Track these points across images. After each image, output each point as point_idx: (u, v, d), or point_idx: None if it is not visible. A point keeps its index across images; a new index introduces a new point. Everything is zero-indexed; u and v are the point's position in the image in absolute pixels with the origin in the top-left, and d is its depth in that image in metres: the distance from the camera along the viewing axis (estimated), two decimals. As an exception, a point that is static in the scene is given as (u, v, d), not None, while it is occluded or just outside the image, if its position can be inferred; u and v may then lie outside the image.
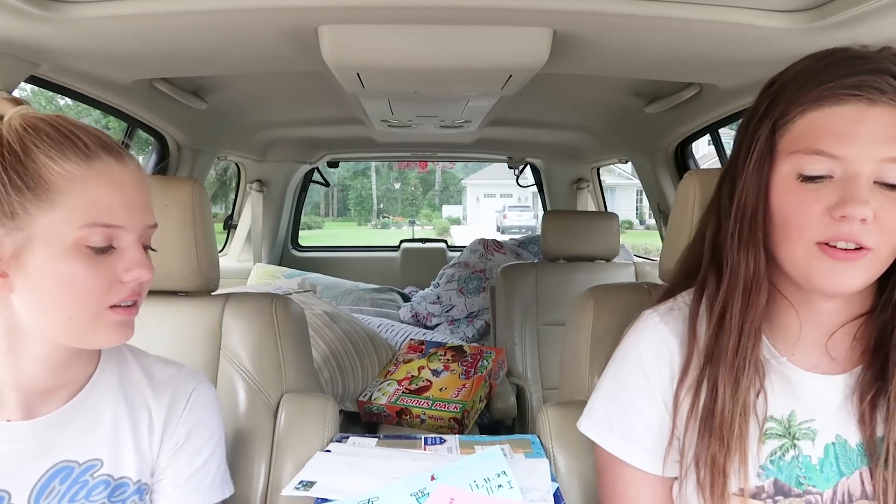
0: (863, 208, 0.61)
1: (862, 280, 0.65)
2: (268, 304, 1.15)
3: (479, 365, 1.92)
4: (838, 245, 0.63)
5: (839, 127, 0.63)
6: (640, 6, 0.95)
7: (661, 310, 0.81)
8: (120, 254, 0.68)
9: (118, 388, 0.77)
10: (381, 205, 29.47)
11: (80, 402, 0.74)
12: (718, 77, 1.37)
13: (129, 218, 0.68)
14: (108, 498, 0.73)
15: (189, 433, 0.81)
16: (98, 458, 0.74)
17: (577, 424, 0.84)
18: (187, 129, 1.98)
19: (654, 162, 2.26)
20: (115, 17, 0.98)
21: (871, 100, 0.62)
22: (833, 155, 0.63)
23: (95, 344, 0.70)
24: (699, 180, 1.00)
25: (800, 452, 0.71)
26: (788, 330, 0.74)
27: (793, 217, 0.66)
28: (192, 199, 1.08)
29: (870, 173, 0.62)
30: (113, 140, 0.70)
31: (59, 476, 0.71)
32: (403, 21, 1.03)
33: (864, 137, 0.62)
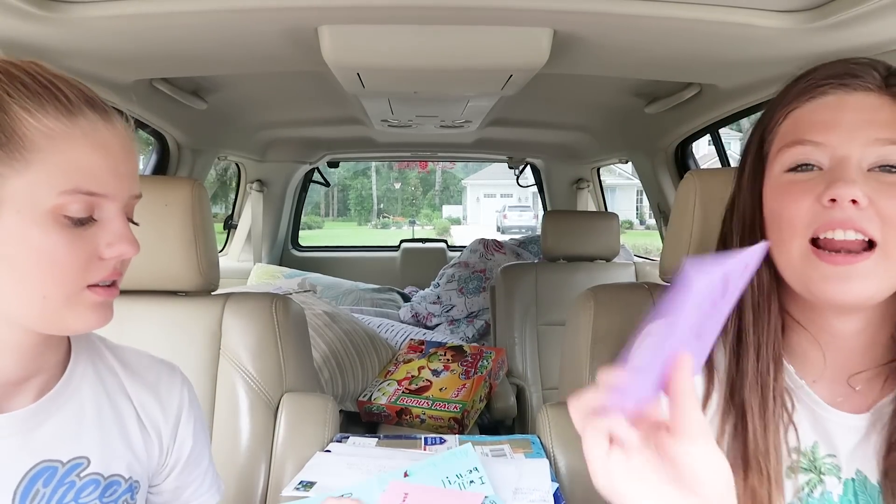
0: (850, 188, 0.58)
1: (872, 287, 0.59)
2: (268, 304, 1.15)
3: (479, 365, 1.92)
4: (834, 237, 0.59)
5: (820, 116, 0.62)
6: (640, 6, 0.95)
7: None
8: (101, 226, 0.59)
9: (94, 377, 0.70)
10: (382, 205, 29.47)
11: (58, 395, 0.66)
12: (718, 77, 1.37)
13: (115, 185, 0.59)
14: (99, 499, 0.66)
15: (193, 440, 0.77)
16: (84, 455, 0.66)
17: None
18: (187, 129, 1.98)
19: (655, 162, 2.26)
20: (115, 17, 0.98)
21: (849, 86, 0.62)
22: (816, 142, 0.61)
23: (71, 328, 0.62)
24: (699, 180, 1.00)
25: (825, 488, 0.66)
26: (808, 358, 0.68)
27: (783, 212, 0.63)
28: (192, 199, 1.08)
29: (859, 157, 0.60)
30: (97, 95, 0.62)
31: (41, 477, 0.63)
32: (403, 21, 1.03)
33: (847, 123, 0.61)
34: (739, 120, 1.78)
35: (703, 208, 0.99)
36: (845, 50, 1.01)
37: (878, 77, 0.62)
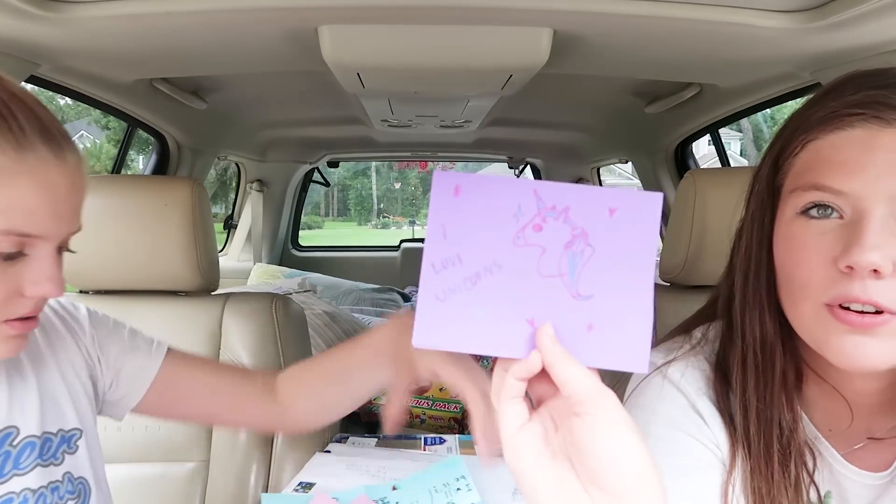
0: (870, 254, 0.48)
1: (891, 353, 0.51)
2: (268, 304, 1.15)
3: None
4: (852, 307, 0.50)
5: (844, 155, 0.51)
6: (640, 6, 0.94)
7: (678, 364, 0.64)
8: (30, 263, 0.57)
9: None
10: (382, 205, 29.47)
11: None
12: (718, 77, 1.37)
13: (53, 227, 0.57)
14: (40, 458, 0.66)
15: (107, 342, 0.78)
16: (11, 424, 0.66)
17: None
18: (187, 129, 1.98)
19: (655, 162, 2.26)
20: (115, 17, 0.98)
21: (883, 119, 0.50)
22: (836, 190, 0.51)
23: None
24: (699, 180, 1.00)
25: None
26: (827, 411, 0.61)
27: (795, 271, 0.54)
28: (192, 199, 1.08)
29: (884, 212, 0.49)
30: (56, 123, 0.58)
31: None
32: (403, 21, 1.03)
33: (875, 167, 0.49)
34: (739, 120, 1.78)
35: (703, 208, 0.99)
36: (845, 50, 1.01)
37: None
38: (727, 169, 1.42)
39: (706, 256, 1.01)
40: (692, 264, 1.02)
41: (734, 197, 0.98)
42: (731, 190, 1.01)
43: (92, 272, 1.10)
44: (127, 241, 1.08)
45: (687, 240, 1.01)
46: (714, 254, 1.01)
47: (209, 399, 0.82)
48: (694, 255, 1.01)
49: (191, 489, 1.07)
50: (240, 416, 0.83)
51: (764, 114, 1.73)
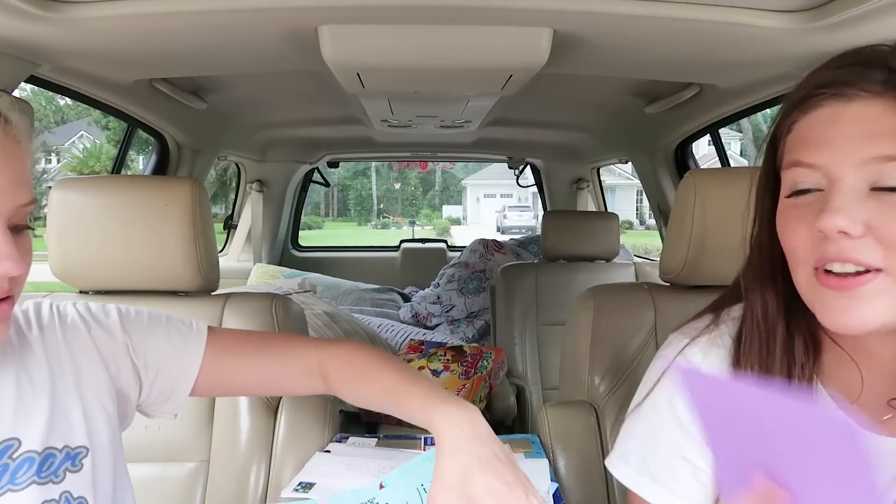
0: (833, 217, 0.52)
1: (879, 312, 0.53)
2: (268, 304, 1.15)
3: (478, 365, 1.92)
4: (833, 269, 0.54)
5: (815, 132, 0.56)
6: (640, 6, 0.95)
7: (702, 342, 0.68)
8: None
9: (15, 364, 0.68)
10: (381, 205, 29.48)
11: None
12: (718, 77, 1.37)
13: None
14: (37, 474, 0.64)
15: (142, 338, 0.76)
16: (13, 436, 0.64)
17: (608, 464, 0.75)
18: (187, 129, 1.98)
19: (655, 162, 2.26)
20: (115, 17, 0.98)
21: (844, 96, 0.54)
22: (809, 164, 0.56)
23: None
24: (699, 180, 1.00)
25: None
26: (846, 380, 0.62)
27: (787, 242, 0.59)
28: (192, 199, 1.08)
29: (855, 178, 0.53)
30: None
31: None
32: (403, 21, 1.03)
33: (840, 139, 0.54)
34: (739, 120, 1.78)
35: (703, 208, 0.99)
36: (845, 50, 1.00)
37: (880, 78, 0.53)
38: (727, 169, 1.42)
39: (706, 256, 1.01)
40: (692, 264, 1.02)
41: (734, 197, 0.98)
42: (731, 190, 1.01)
43: (92, 272, 1.10)
44: (127, 242, 1.08)
45: (687, 240, 1.01)
46: (714, 254, 1.01)
47: (255, 378, 0.83)
48: (694, 256, 1.01)
49: (191, 489, 1.07)
50: (286, 389, 0.86)
51: (764, 114, 1.73)
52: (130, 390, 0.77)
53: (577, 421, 1.04)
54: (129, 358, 0.76)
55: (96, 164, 15.65)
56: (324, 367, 0.81)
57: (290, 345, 0.85)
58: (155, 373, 0.77)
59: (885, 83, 0.53)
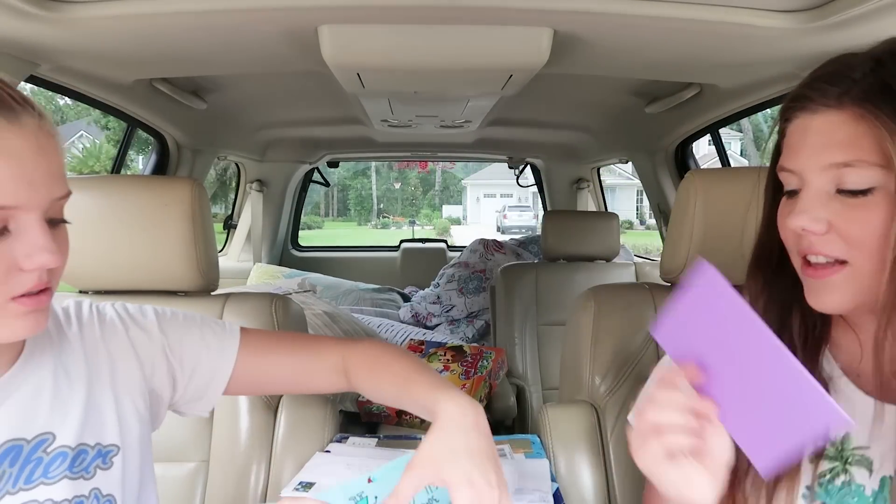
0: (796, 218, 0.61)
1: (842, 298, 0.62)
2: (268, 304, 1.15)
3: (478, 365, 1.92)
4: (810, 259, 0.63)
5: (791, 140, 0.64)
6: (640, 6, 0.95)
7: None
8: (18, 237, 0.56)
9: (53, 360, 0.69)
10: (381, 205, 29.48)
11: (15, 375, 0.66)
12: (718, 77, 1.37)
13: (27, 194, 0.56)
14: (69, 469, 0.66)
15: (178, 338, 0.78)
16: (48, 430, 0.66)
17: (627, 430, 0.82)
18: (187, 129, 1.98)
19: (655, 162, 2.26)
20: (115, 17, 0.98)
21: (809, 109, 0.61)
22: (788, 169, 0.64)
23: (4, 338, 0.60)
24: (700, 180, 1.00)
25: (852, 479, 0.66)
26: (849, 349, 0.70)
27: (782, 235, 0.67)
28: (192, 199, 1.07)
29: (820, 182, 0.60)
30: (10, 90, 0.57)
31: (7, 458, 0.63)
32: (403, 21, 1.03)
33: (808, 147, 0.61)
34: (739, 120, 1.78)
35: (703, 208, 0.99)
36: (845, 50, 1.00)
37: (835, 92, 0.59)
38: (727, 169, 1.42)
39: (706, 256, 1.01)
40: (693, 264, 1.02)
41: (734, 197, 0.98)
42: (732, 190, 1.01)
43: (91, 272, 1.10)
44: (126, 241, 1.08)
45: (687, 240, 1.01)
46: (714, 254, 1.00)
47: (285, 377, 0.86)
48: (694, 256, 1.01)
49: (191, 489, 1.07)
50: (312, 387, 0.88)
51: (764, 114, 1.73)
52: (164, 390, 0.79)
53: (577, 421, 1.04)
54: (166, 358, 0.78)
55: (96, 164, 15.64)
56: (347, 364, 0.83)
57: (317, 344, 0.87)
58: (190, 372, 0.79)
59: (840, 97, 0.59)
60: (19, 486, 0.63)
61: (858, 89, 0.58)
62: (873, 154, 0.57)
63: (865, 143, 0.57)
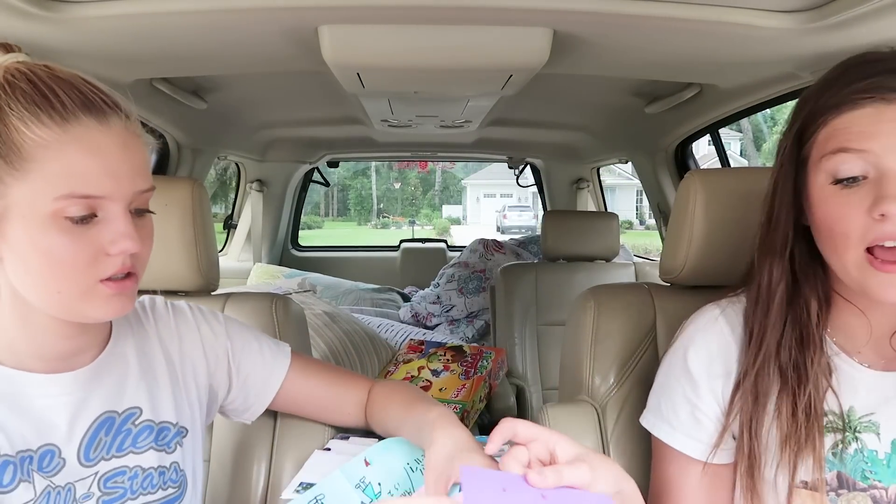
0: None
1: None
2: (268, 304, 1.15)
3: (478, 365, 1.92)
4: (886, 244, 0.63)
5: (859, 126, 0.64)
6: (640, 6, 0.95)
7: (722, 302, 0.82)
8: (104, 224, 0.62)
9: (135, 343, 0.78)
10: (381, 205, 29.47)
11: (109, 353, 0.74)
12: (718, 77, 1.37)
13: (113, 186, 0.62)
14: (154, 442, 0.74)
15: (237, 344, 0.86)
16: (136, 406, 0.74)
17: (640, 419, 0.87)
18: (187, 128, 1.98)
19: (655, 162, 2.26)
20: (115, 17, 0.98)
21: (886, 99, 0.62)
22: (858, 149, 0.63)
23: (91, 317, 0.66)
24: (700, 180, 1.00)
25: (864, 446, 0.71)
26: (854, 331, 0.74)
27: (836, 225, 0.66)
28: (192, 198, 1.07)
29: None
30: (101, 93, 0.64)
31: (104, 427, 0.71)
32: (403, 21, 1.03)
33: (886, 133, 0.62)
34: (739, 120, 1.78)
35: (703, 208, 0.99)
36: (845, 50, 1.00)
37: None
38: (727, 169, 1.42)
39: (706, 256, 1.01)
40: (692, 264, 1.02)
41: (734, 197, 0.98)
42: (731, 190, 1.01)
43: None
44: (127, 241, 1.08)
45: (687, 240, 1.01)
46: (714, 254, 1.01)
47: (316, 407, 0.95)
48: (694, 256, 1.01)
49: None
50: (338, 417, 0.97)
51: (764, 114, 1.73)
52: (220, 388, 0.86)
53: (577, 421, 1.04)
54: (227, 360, 0.86)
55: (96, 164, 15.61)
56: (369, 399, 0.93)
57: (352, 378, 0.96)
58: (244, 379, 0.87)
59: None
60: (112, 453, 0.71)
61: None
62: None
63: None
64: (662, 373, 0.84)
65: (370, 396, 0.93)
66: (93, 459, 0.70)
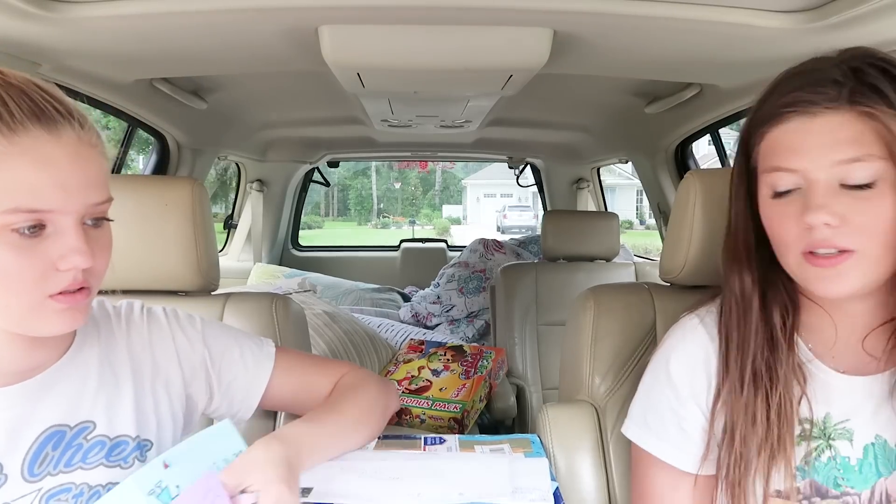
0: (818, 214, 0.64)
1: (854, 282, 0.66)
2: (268, 304, 1.15)
3: (479, 365, 1.92)
4: (819, 252, 0.66)
5: (788, 141, 0.67)
6: (640, 6, 0.95)
7: (700, 311, 0.82)
8: (55, 238, 0.60)
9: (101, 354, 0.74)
10: (381, 205, 29.46)
11: (64, 365, 0.70)
12: (718, 77, 1.37)
13: (63, 200, 0.59)
14: (106, 458, 0.70)
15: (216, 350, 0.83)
16: (90, 420, 0.70)
17: (622, 429, 0.87)
18: (187, 128, 1.98)
19: (655, 162, 2.26)
20: (115, 17, 0.98)
21: (809, 112, 0.65)
22: (789, 168, 0.66)
23: (41, 333, 0.64)
24: (699, 180, 1.00)
25: (837, 453, 0.71)
26: (824, 333, 0.75)
27: (776, 233, 0.70)
28: (192, 198, 1.07)
29: (827, 179, 0.64)
30: (54, 101, 0.61)
31: (51, 442, 0.67)
32: (403, 21, 1.04)
33: (811, 147, 0.65)
34: (739, 120, 1.78)
35: (703, 208, 0.99)
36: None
37: (835, 93, 0.64)
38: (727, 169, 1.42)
39: (706, 256, 1.01)
40: (692, 264, 1.02)
41: (734, 197, 0.98)
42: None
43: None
44: (126, 241, 1.07)
45: (687, 240, 1.01)
46: (714, 254, 1.00)
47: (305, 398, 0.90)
48: (694, 256, 1.01)
49: (191, 489, 1.07)
50: None
51: (764, 114, 1.72)
52: (200, 398, 0.83)
53: (577, 421, 1.04)
54: (205, 369, 0.82)
55: (96, 164, 15.63)
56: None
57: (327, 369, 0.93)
58: (227, 386, 0.85)
59: (836, 99, 0.64)
60: (59, 468, 0.67)
61: (852, 91, 0.63)
62: (877, 148, 0.62)
63: (869, 139, 0.62)
64: (646, 383, 0.84)
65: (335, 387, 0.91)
66: (37, 475, 0.66)
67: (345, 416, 0.85)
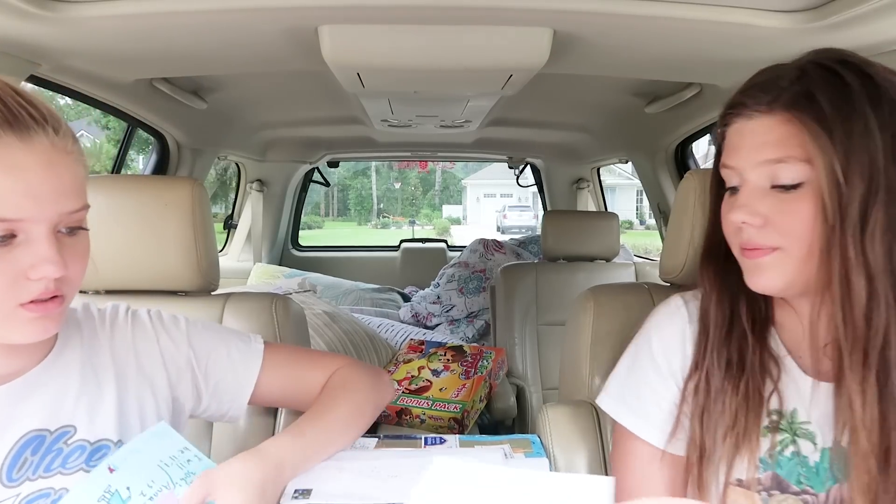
0: (738, 213, 0.68)
1: (777, 278, 0.69)
2: (268, 304, 1.15)
3: (479, 365, 1.92)
4: (747, 245, 0.70)
5: (731, 141, 0.71)
6: (640, 6, 0.95)
7: (687, 295, 0.84)
8: (26, 247, 0.59)
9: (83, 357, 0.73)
10: (381, 205, 29.46)
11: (45, 369, 0.70)
12: (718, 77, 1.37)
13: (34, 209, 0.58)
14: (86, 463, 0.69)
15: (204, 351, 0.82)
16: (70, 424, 0.70)
17: (597, 400, 0.89)
18: (187, 128, 1.98)
19: (655, 162, 2.26)
20: (115, 16, 0.98)
21: (744, 115, 0.69)
22: (730, 166, 0.71)
23: (13, 341, 0.63)
24: (699, 180, 1.00)
25: (799, 450, 0.72)
26: (794, 332, 0.76)
27: (724, 227, 0.74)
28: (192, 198, 1.07)
29: (758, 178, 0.68)
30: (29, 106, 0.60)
31: (30, 447, 0.67)
32: (403, 21, 1.03)
33: (745, 147, 0.69)
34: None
35: (703, 208, 0.99)
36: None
37: (766, 99, 0.67)
38: (727, 169, 1.42)
39: (706, 256, 1.01)
40: (692, 264, 1.02)
41: (734, 197, 0.98)
42: (731, 190, 1.01)
43: (91, 272, 1.10)
44: (126, 242, 1.08)
45: (687, 240, 1.01)
46: (714, 254, 1.01)
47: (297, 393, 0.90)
48: (694, 256, 1.01)
49: (191, 489, 1.07)
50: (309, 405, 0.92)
51: (764, 114, 1.72)
52: (187, 400, 0.82)
53: (577, 421, 1.04)
54: (191, 370, 0.82)
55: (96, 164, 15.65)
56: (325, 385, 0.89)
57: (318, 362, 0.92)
58: (214, 386, 0.83)
59: (770, 103, 0.67)
60: (38, 473, 0.66)
61: (787, 96, 0.66)
62: (800, 151, 0.65)
63: (793, 142, 0.65)
64: (628, 357, 0.86)
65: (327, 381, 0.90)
66: (16, 480, 0.65)
67: (335, 419, 0.85)
